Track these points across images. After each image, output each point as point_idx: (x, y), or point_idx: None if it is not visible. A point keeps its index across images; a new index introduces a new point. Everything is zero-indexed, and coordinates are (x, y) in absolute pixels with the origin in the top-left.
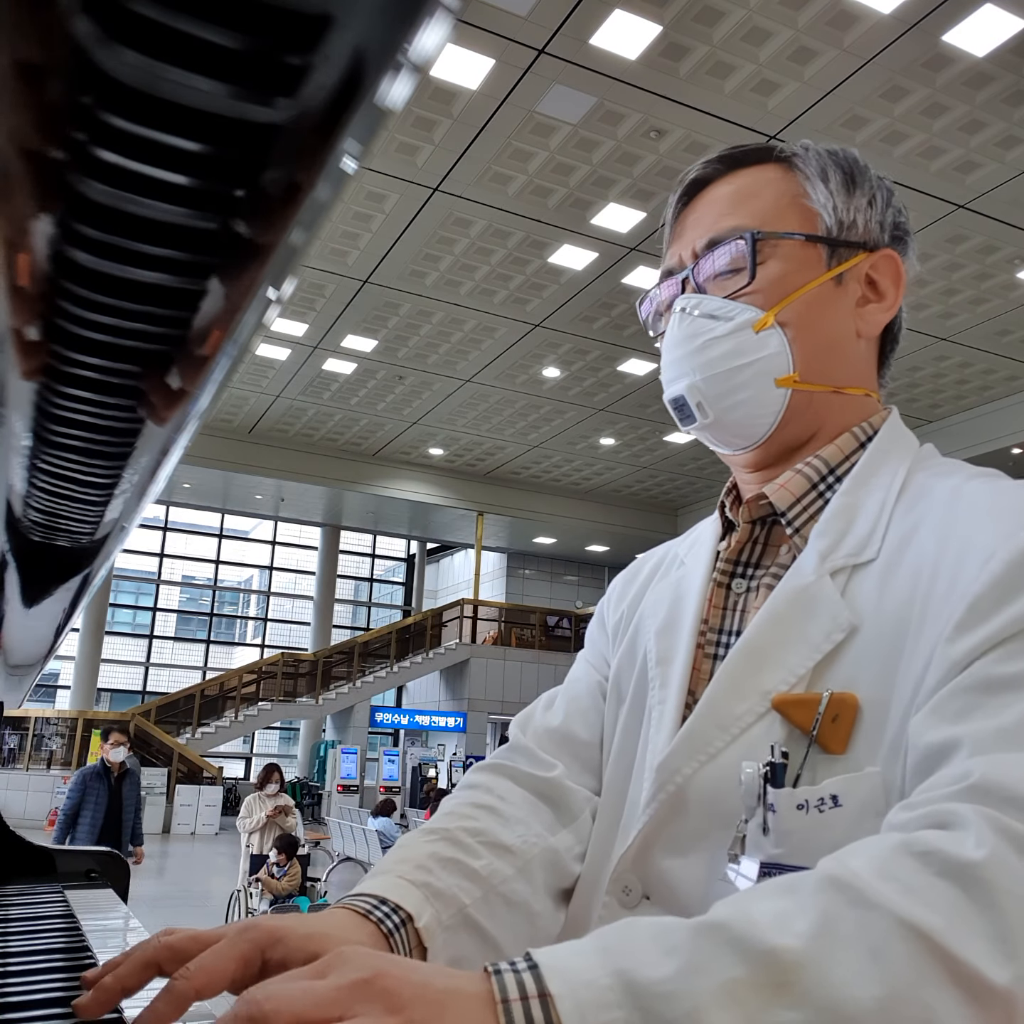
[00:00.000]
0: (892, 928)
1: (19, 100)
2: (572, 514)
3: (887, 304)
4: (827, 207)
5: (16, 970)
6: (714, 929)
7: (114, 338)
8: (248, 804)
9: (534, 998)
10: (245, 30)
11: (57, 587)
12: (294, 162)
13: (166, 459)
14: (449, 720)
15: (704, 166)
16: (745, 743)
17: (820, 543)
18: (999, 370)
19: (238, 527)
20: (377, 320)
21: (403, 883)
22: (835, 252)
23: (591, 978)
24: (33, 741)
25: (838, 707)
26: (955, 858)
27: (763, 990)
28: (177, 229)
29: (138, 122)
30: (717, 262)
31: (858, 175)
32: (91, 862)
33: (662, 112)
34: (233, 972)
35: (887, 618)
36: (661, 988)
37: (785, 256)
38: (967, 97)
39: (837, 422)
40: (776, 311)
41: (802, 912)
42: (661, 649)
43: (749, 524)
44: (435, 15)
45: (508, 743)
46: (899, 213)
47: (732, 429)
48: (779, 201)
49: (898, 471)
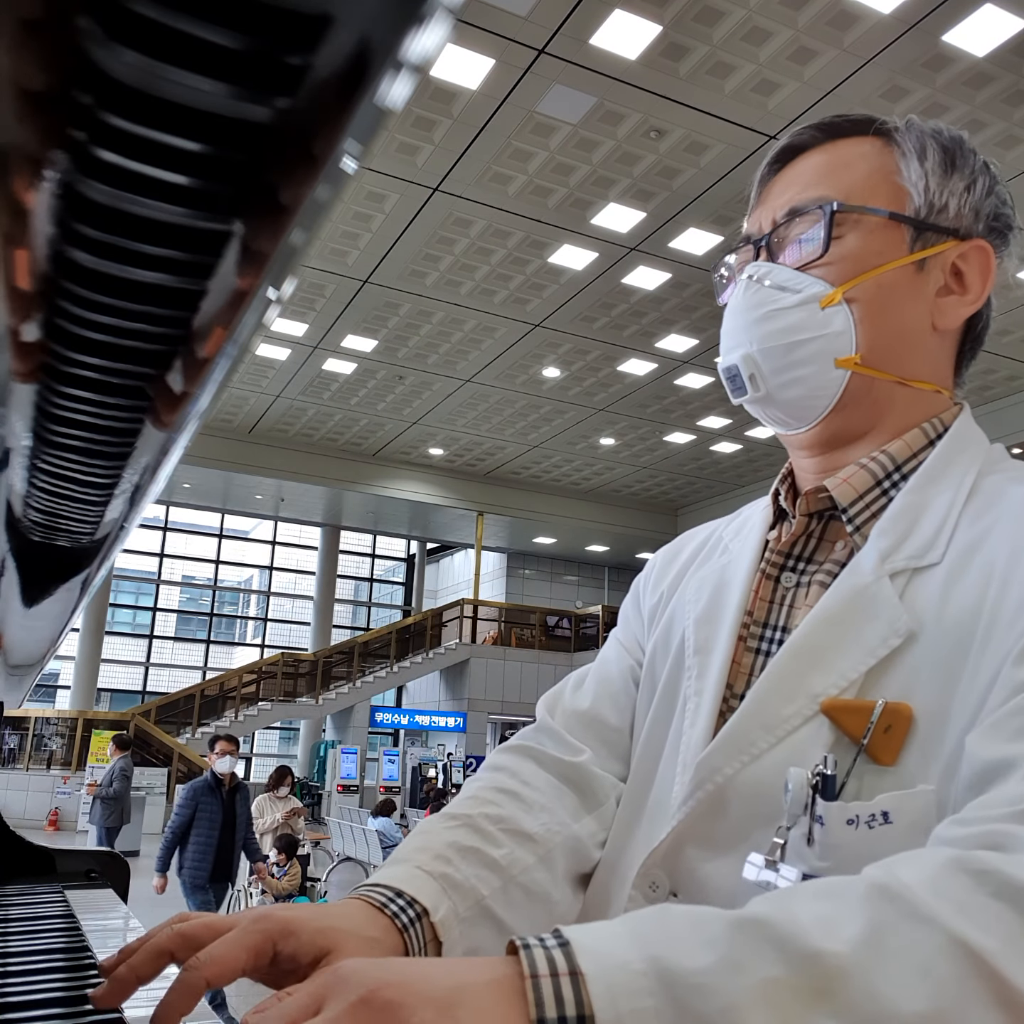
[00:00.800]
0: (944, 945)
1: (19, 100)
2: (572, 514)
3: (971, 298)
4: (918, 186)
5: (16, 970)
6: (756, 925)
7: (114, 338)
8: (259, 805)
9: (564, 975)
10: (245, 30)
11: (57, 587)
12: (294, 162)
13: (166, 459)
14: (449, 720)
15: (800, 132)
16: (790, 746)
17: (881, 542)
18: (999, 370)
19: (238, 527)
20: (377, 320)
21: (421, 874)
22: (921, 235)
23: (624, 961)
24: (33, 741)
25: (891, 717)
26: (1012, 880)
27: (803, 994)
28: (177, 229)
29: (138, 122)
30: (794, 231)
31: (959, 157)
32: (91, 862)
33: (662, 112)
34: (244, 962)
35: (949, 627)
36: (697, 980)
37: (865, 233)
38: (967, 97)
39: (902, 416)
40: (846, 288)
41: (850, 918)
42: (700, 638)
43: (806, 517)
44: (435, 15)
45: (535, 723)
46: (1003, 204)
47: (784, 407)
48: (871, 176)
49: (968, 472)
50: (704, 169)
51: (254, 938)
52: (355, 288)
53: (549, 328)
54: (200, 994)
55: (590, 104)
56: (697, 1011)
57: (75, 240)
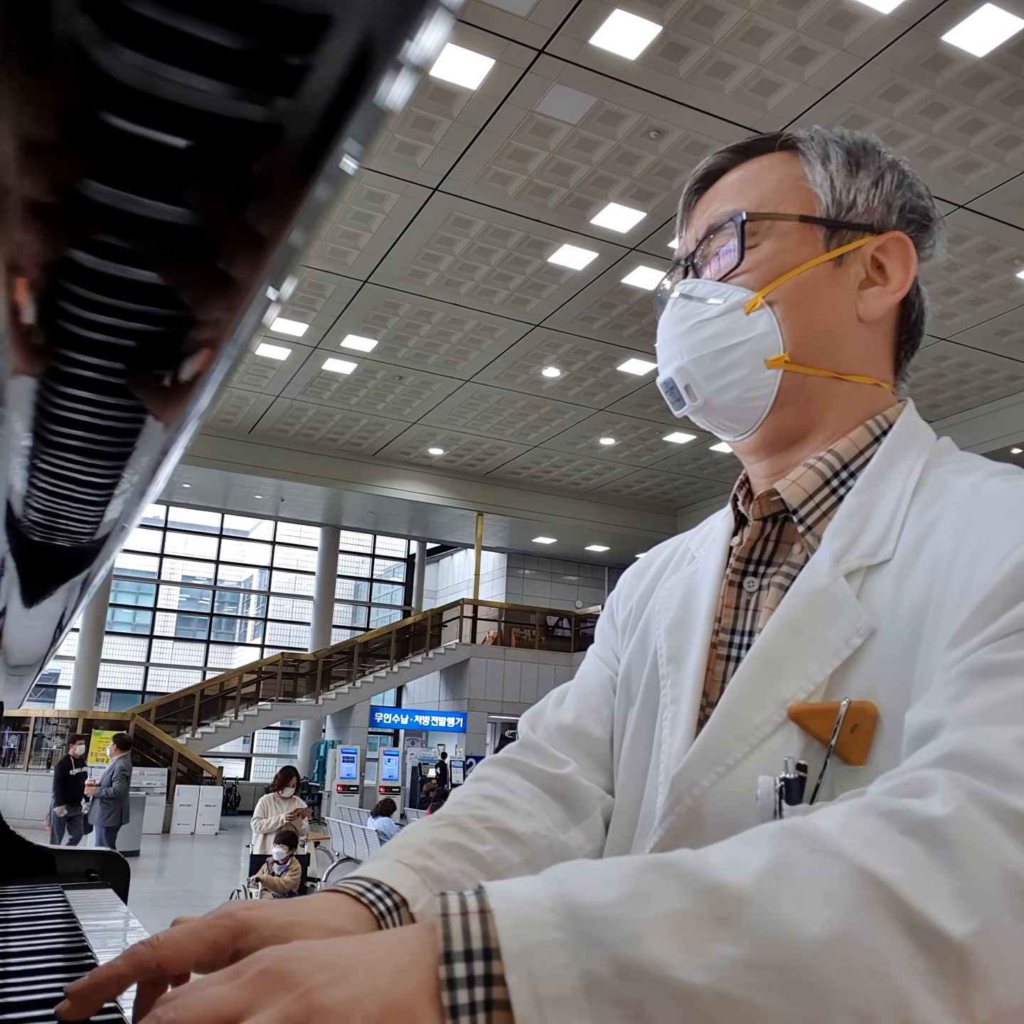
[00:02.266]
0: (847, 874)
1: (19, 99)
2: (572, 514)
3: (893, 287)
4: (824, 187)
5: (16, 970)
6: (665, 865)
7: (114, 338)
8: (263, 805)
9: (474, 913)
10: (245, 30)
11: (57, 587)
12: (294, 162)
13: (166, 459)
14: (449, 720)
15: (715, 157)
16: (763, 754)
17: (834, 543)
18: (999, 370)
19: (238, 527)
20: (377, 320)
21: (400, 867)
22: (835, 233)
23: (534, 899)
24: (33, 741)
25: (857, 717)
26: (920, 817)
27: (705, 922)
28: (177, 228)
29: (138, 122)
30: (714, 246)
31: (863, 156)
32: (91, 862)
33: (662, 112)
34: (201, 954)
35: (903, 621)
36: (602, 912)
37: (779, 237)
38: (967, 97)
39: (843, 411)
40: (766, 291)
41: (756, 855)
42: (672, 647)
43: (760, 521)
44: (435, 15)
45: (518, 740)
46: (919, 197)
47: (724, 412)
48: (779, 184)
49: (914, 467)
50: None
51: (213, 932)
52: (355, 288)
53: (549, 328)
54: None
55: (590, 104)
56: (602, 940)
57: (75, 240)
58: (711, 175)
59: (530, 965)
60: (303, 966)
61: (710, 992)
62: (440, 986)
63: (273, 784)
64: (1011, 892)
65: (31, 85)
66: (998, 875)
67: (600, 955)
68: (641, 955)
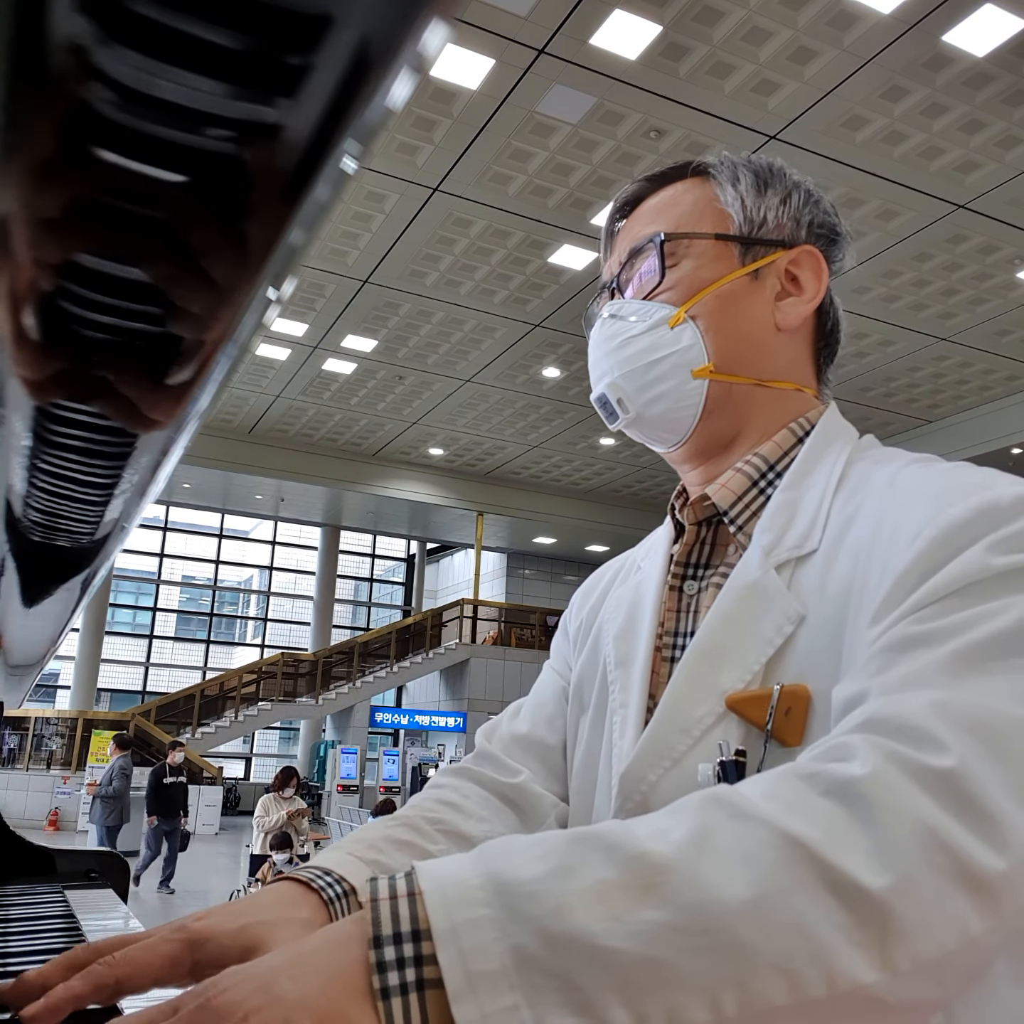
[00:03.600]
0: (768, 837)
1: (18, 100)
2: (572, 514)
3: (807, 297)
4: (735, 207)
5: (16, 970)
6: (591, 837)
7: (114, 338)
8: (264, 804)
9: (403, 897)
10: (245, 30)
11: (57, 587)
12: (294, 162)
13: (166, 459)
14: (449, 720)
15: (633, 186)
16: (707, 746)
17: (764, 539)
18: (999, 370)
19: (238, 527)
20: (377, 320)
21: (351, 859)
22: (749, 250)
23: (462, 878)
24: (33, 741)
25: (790, 700)
26: (839, 779)
27: (630, 891)
28: (177, 229)
29: (136, 122)
30: (636, 268)
31: (770, 177)
32: (91, 862)
33: (662, 112)
34: (159, 969)
35: (829, 606)
36: (529, 888)
37: (697, 255)
38: (967, 97)
39: (767, 416)
40: (688, 306)
41: (680, 823)
42: (620, 653)
43: (695, 526)
44: (435, 15)
45: (474, 751)
46: (825, 214)
47: (657, 424)
48: (694, 206)
49: (836, 463)
50: None
51: (169, 947)
52: (355, 288)
53: (549, 328)
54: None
55: (590, 104)
56: (529, 914)
57: (75, 240)
58: (630, 203)
59: (459, 942)
60: (236, 995)
61: (637, 957)
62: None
63: (273, 784)
64: (927, 846)
65: (30, 84)
66: (914, 830)
67: (528, 928)
68: (568, 926)
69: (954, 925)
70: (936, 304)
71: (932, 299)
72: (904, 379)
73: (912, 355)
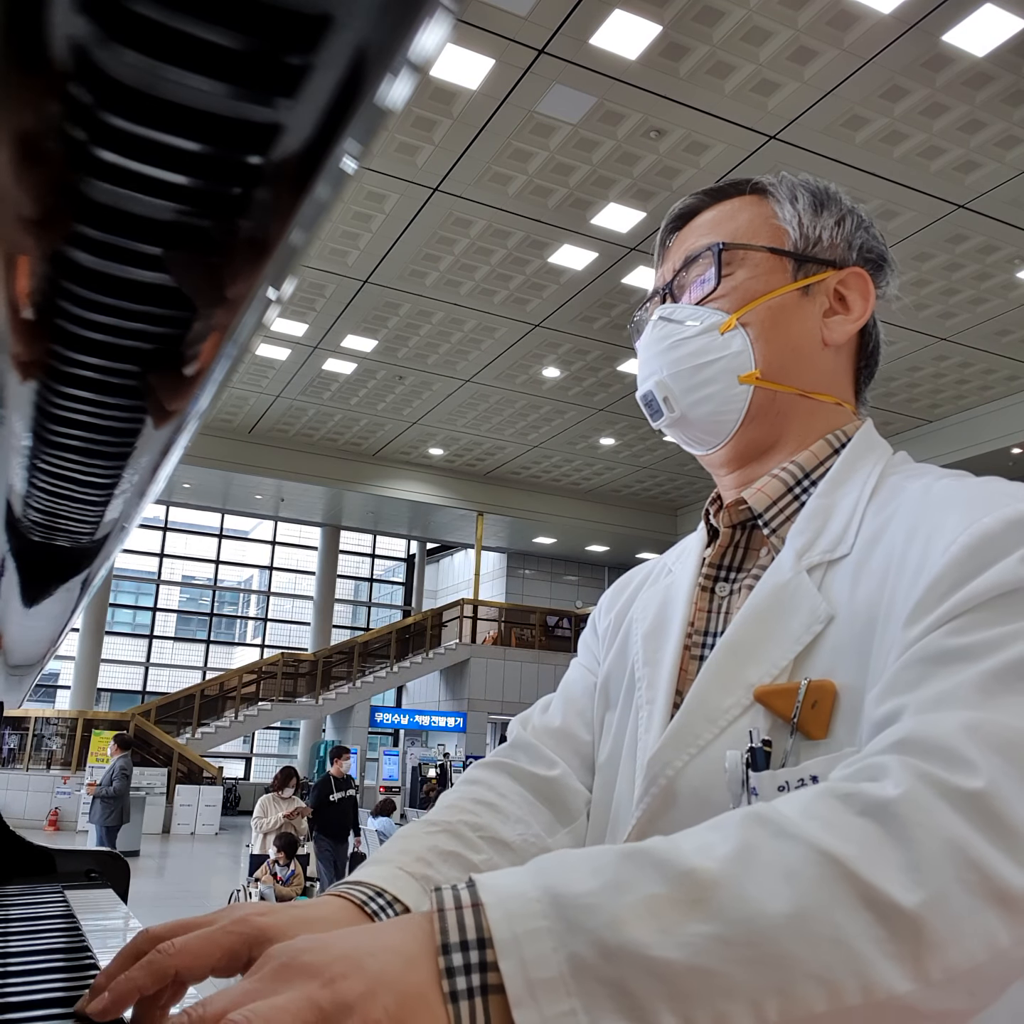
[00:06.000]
0: (807, 855)
1: (18, 100)
2: (572, 514)
3: (854, 316)
4: (792, 223)
5: (16, 970)
6: (640, 853)
7: (114, 338)
8: (263, 804)
9: (468, 907)
10: (245, 30)
11: (57, 587)
12: (294, 162)
13: (166, 459)
14: (449, 720)
15: (691, 198)
16: (732, 735)
17: (797, 542)
18: (999, 370)
19: (238, 527)
20: (377, 320)
21: (402, 875)
22: (802, 266)
23: (521, 892)
24: (33, 741)
25: (817, 694)
26: (874, 797)
27: (680, 905)
28: (177, 229)
29: (138, 122)
30: (691, 275)
31: (827, 199)
32: (91, 862)
33: (662, 112)
34: (217, 960)
35: (860, 608)
36: (585, 900)
37: (752, 266)
38: (967, 97)
39: (806, 427)
40: (740, 314)
41: (724, 840)
42: (648, 651)
43: (730, 529)
44: (435, 15)
45: (509, 740)
46: (874, 239)
47: (699, 425)
48: (752, 221)
49: (871, 475)
50: (704, 169)
51: (230, 939)
52: (355, 288)
53: (549, 328)
54: (165, 978)
55: (590, 104)
56: (584, 927)
57: (75, 240)
58: (685, 215)
59: (521, 952)
60: (320, 956)
61: (686, 967)
62: (440, 975)
63: (273, 784)
64: (957, 864)
65: (30, 84)
66: (945, 849)
67: (584, 939)
68: (622, 937)
69: (983, 938)
70: (936, 304)
71: (932, 299)
72: (904, 379)
73: (912, 355)
